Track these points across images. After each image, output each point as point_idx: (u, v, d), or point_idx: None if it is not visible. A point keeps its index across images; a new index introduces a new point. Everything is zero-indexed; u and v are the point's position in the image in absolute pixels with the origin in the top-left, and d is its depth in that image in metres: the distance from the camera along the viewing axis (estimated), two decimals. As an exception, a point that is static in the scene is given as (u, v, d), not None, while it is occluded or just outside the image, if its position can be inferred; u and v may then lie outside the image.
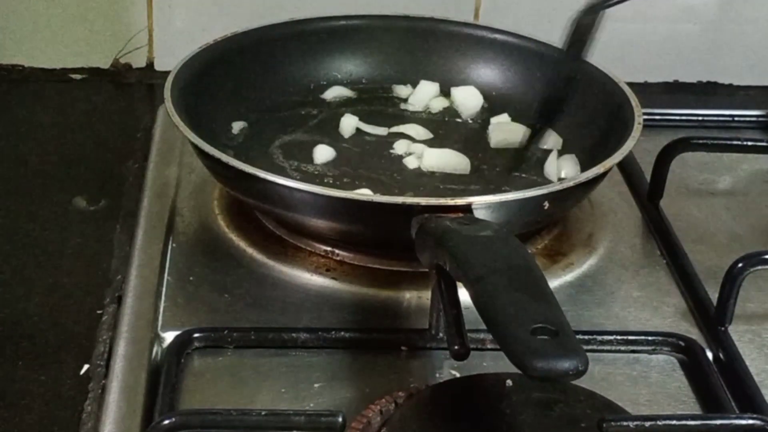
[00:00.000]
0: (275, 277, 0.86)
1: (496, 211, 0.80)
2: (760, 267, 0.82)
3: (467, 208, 0.78)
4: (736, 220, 0.97)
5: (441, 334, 0.78)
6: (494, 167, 0.96)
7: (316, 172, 0.94)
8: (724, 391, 0.76)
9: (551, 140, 0.98)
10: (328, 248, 0.88)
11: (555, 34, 1.03)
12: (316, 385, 0.76)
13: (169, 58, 1.02)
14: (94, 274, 0.88)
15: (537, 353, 0.61)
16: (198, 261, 0.87)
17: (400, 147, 0.97)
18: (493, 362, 0.76)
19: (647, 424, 0.67)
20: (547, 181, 0.92)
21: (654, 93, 1.22)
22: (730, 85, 1.25)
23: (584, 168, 0.85)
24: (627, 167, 1.01)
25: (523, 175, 0.95)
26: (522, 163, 0.95)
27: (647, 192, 0.98)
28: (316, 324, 0.81)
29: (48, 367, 0.79)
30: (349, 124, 1.00)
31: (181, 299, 0.83)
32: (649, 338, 0.81)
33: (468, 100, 1.04)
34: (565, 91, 0.95)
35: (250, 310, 0.82)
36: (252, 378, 0.76)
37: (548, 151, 0.97)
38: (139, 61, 1.21)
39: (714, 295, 0.83)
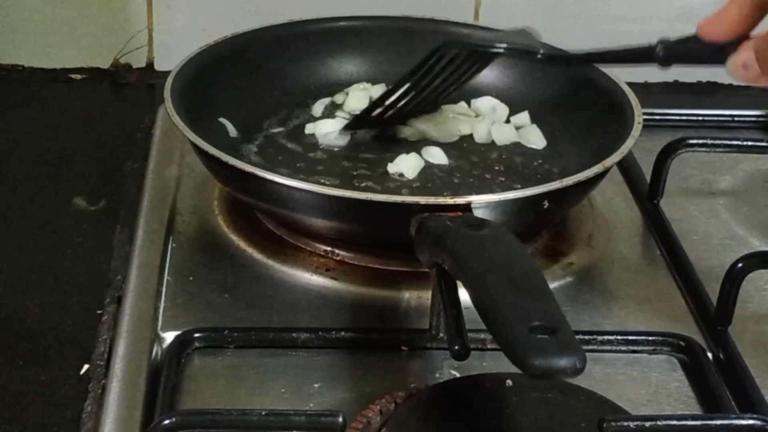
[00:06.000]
0: (275, 277, 0.86)
1: (495, 210, 0.80)
2: (760, 267, 0.82)
3: (466, 207, 0.78)
4: (736, 220, 0.97)
5: (441, 334, 0.78)
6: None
7: (317, 170, 0.94)
8: (724, 391, 0.76)
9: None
10: (328, 248, 0.88)
11: (555, 34, 1.03)
12: (316, 385, 0.76)
13: (169, 58, 1.02)
14: (94, 274, 0.88)
15: (535, 351, 0.61)
16: (198, 261, 0.87)
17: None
18: (493, 362, 0.76)
19: (647, 424, 0.67)
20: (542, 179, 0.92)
21: (654, 93, 1.22)
22: (730, 85, 1.25)
23: (584, 167, 0.85)
24: (627, 167, 1.01)
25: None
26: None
27: (647, 192, 0.98)
28: (316, 324, 0.81)
29: (48, 367, 0.79)
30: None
31: (181, 299, 0.83)
32: (649, 338, 0.81)
33: (492, 109, 1.03)
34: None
35: (250, 310, 0.82)
36: (252, 378, 0.76)
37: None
38: (139, 61, 1.21)
39: (714, 295, 0.83)
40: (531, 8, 1.20)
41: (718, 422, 0.70)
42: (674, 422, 0.69)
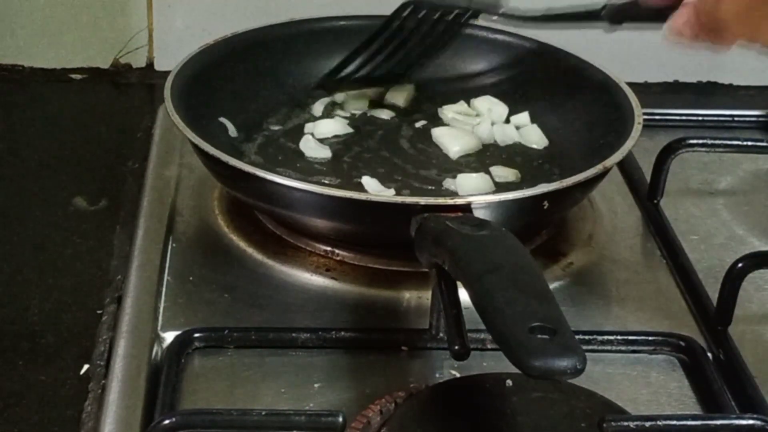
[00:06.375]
0: (275, 277, 0.86)
1: (495, 210, 0.80)
2: (760, 267, 0.82)
3: (466, 208, 0.78)
4: (736, 220, 0.97)
5: (441, 334, 0.78)
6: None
7: (317, 170, 0.94)
8: (724, 391, 0.76)
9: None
10: (328, 248, 0.88)
11: (555, 34, 1.03)
12: (316, 385, 0.76)
13: (169, 58, 1.02)
14: (94, 274, 0.88)
15: (535, 352, 0.61)
16: (198, 261, 0.87)
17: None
18: (493, 362, 0.76)
19: (647, 424, 0.67)
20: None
21: (654, 93, 1.22)
22: (730, 85, 1.25)
23: (584, 168, 0.85)
24: (627, 167, 1.01)
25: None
26: None
27: (647, 192, 0.98)
28: (316, 324, 0.81)
29: (48, 367, 0.79)
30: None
31: (181, 299, 0.83)
32: (649, 338, 0.81)
33: (493, 109, 1.03)
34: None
35: (250, 310, 0.82)
36: (252, 378, 0.76)
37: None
38: (139, 61, 1.21)
39: (714, 295, 0.83)
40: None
41: (718, 422, 0.70)
42: (674, 422, 0.69)
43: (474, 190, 0.91)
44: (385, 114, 1.03)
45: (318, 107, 1.03)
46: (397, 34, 0.98)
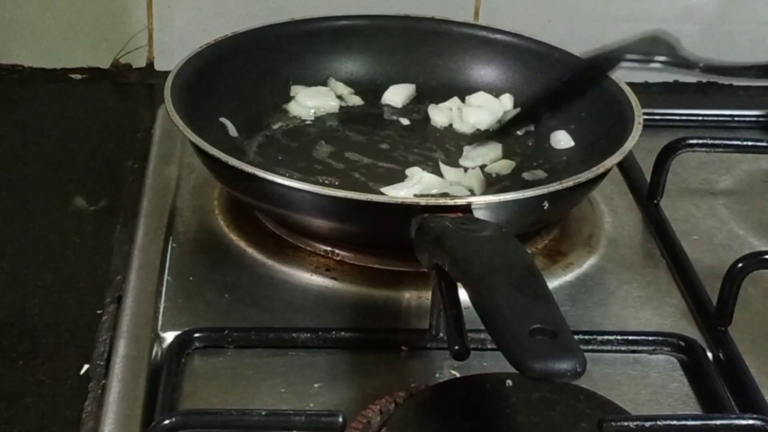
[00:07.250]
0: (275, 277, 0.86)
1: (495, 211, 0.80)
2: (760, 267, 0.82)
3: (467, 208, 0.78)
4: (736, 220, 0.97)
5: (441, 334, 0.78)
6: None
7: (318, 170, 0.94)
8: (724, 391, 0.76)
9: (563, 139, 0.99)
10: (328, 248, 0.88)
11: (555, 34, 1.03)
12: (316, 385, 0.76)
13: (169, 58, 1.02)
14: (94, 274, 0.88)
15: (535, 354, 0.61)
16: (198, 261, 0.88)
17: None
18: (493, 362, 0.76)
19: (647, 424, 0.67)
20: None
21: (654, 93, 1.22)
22: (730, 86, 1.25)
23: (584, 168, 0.85)
24: (627, 167, 1.01)
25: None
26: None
27: (647, 192, 0.98)
28: (316, 324, 0.81)
29: (48, 367, 0.79)
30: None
31: (181, 299, 0.83)
32: (649, 338, 0.81)
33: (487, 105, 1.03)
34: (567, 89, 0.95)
35: (250, 310, 0.82)
36: (252, 378, 0.76)
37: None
38: (139, 61, 1.21)
39: (714, 295, 0.83)
40: (531, 8, 1.20)
41: (718, 422, 0.70)
42: (674, 422, 0.69)
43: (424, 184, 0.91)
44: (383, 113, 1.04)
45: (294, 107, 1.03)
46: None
